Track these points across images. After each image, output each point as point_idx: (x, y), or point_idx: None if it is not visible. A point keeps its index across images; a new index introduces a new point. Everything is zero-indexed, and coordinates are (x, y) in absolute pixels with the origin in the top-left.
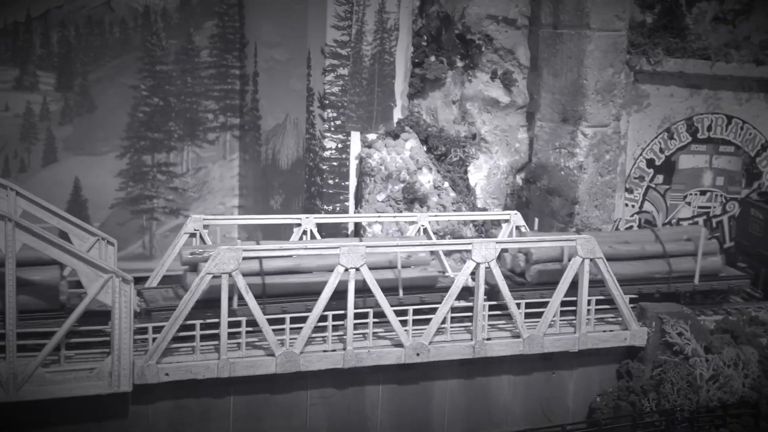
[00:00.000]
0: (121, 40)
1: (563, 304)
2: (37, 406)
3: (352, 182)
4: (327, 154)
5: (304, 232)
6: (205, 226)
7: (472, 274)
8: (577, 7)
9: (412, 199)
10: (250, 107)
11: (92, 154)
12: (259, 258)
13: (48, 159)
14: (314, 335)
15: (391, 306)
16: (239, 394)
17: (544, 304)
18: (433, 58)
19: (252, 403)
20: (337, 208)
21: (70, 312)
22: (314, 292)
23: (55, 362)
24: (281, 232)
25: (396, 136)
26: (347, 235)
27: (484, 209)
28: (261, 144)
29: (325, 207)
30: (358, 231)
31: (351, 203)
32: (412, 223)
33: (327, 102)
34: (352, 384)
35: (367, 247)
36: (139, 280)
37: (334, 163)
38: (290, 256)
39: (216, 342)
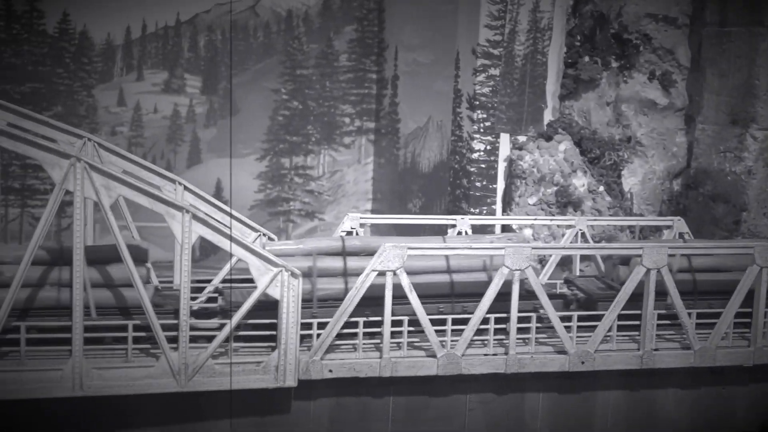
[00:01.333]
0: (264, 45)
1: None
2: (204, 396)
3: (500, 185)
4: (475, 156)
5: (459, 233)
6: (361, 225)
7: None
8: (747, 3)
9: (566, 202)
10: (387, 111)
11: (234, 156)
12: (423, 256)
13: (192, 160)
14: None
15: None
16: (399, 395)
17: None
18: (587, 59)
19: (411, 404)
20: (484, 211)
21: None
22: (468, 293)
23: (223, 354)
24: (420, 234)
25: (549, 138)
26: None
27: (640, 215)
28: (399, 147)
29: (472, 210)
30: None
31: (498, 206)
32: (569, 227)
33: (477, 103)
34: (512, 390)
35: (533, 248)
36: None
37: (482, 166)
38: (446, 255)
39: (376, 340)
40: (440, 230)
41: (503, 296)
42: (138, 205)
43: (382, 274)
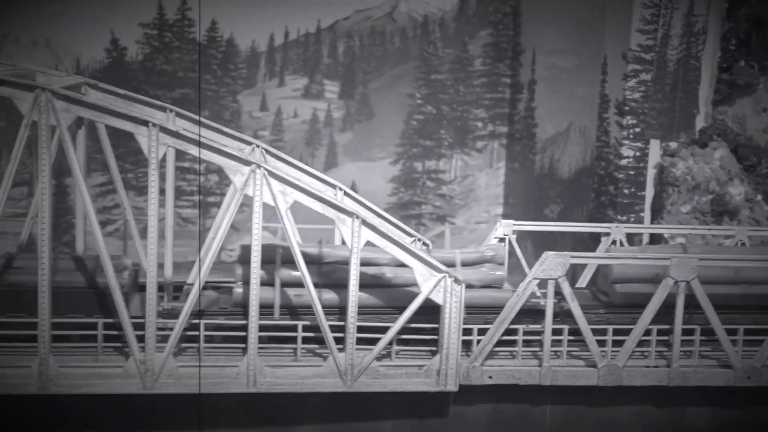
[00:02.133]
0: (400, 50)
1: None
2: (364, 397)
3: (649, 192)
4: (623, 162)
5: (614, 242)
6: (514, 231)
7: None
8: None
9: (722, 211)
10: (523, 115)
11: (369, 160)
12: (587, 265)
13: (329, 163)
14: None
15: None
16: (556, 404)
17: None
18: (742, 63)
19: (568, 413)
20: (632, 219)
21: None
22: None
23: (385, 357)
24: (557, 242)
25: (704, 145)
26: None
27: None
28: (535, 152)
29: (619, 217)
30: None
31: (647, 214)
32: (728, 236)
33: (627, 108)
34: (672, 403)
35: (700, 259)
36: None
37: (631, 172)
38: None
39: (534, 348)
40: (591, 239)
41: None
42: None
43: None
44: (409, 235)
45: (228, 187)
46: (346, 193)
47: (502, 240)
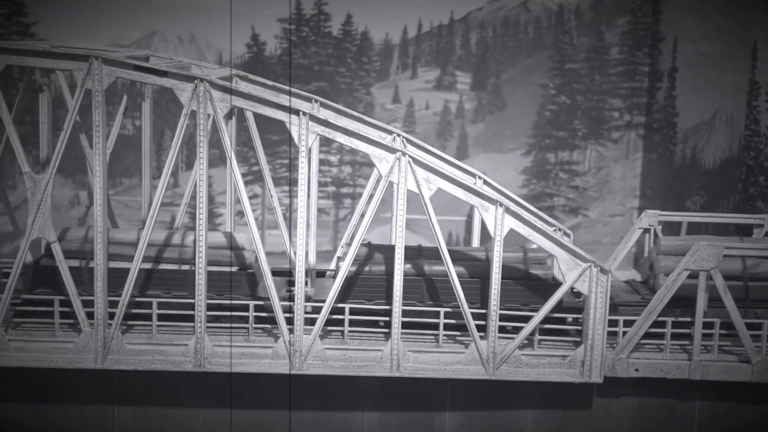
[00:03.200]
0: (534, 40)
1: None
2: (505, 386)
3: None
4: None
5: (766, 234)
6: (659, 222)
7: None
8: None
9: None
10: (662, 105)
11: (500, 152)
12: (743, 257)
13: (460, 155)
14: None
15: None
16: (706, 399)
17: None
18: None
19: (718, 410)
20: None
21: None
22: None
23: (527, 346)
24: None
25: None
26: None
27: None
28: (676, 143)
29: None
30: None
31: None
32: None
33: None
34: None
35: None
36: None
37: None
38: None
39: (684, 342)
40: (738, 231)
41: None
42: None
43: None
44: (550, 224)
45: (360, 179)
46: (485, 182)
47: (646, 231)
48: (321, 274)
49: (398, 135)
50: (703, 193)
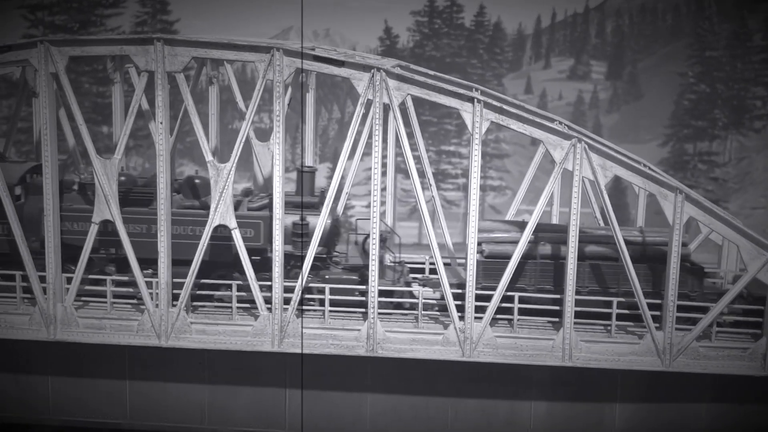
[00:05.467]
0: (672, 27)
1: None
2: (680, 377)
3: None
4: None
5: None
6: None
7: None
8: None
9: None
10: None
11: (635, 142)
12: None
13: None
14: None
15: None
16: None
17: None
18: None
19: None
20: None
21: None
22: None
23: (704, 338)
24: None
25: None
26: None
27: None
28: None
29: None
30: None
31: None
32: None
33: None
34: None
35: None
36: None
37: None
38: None
39: None
40: None
41: None
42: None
43: None
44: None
45: (491, 171)
46: (650, 169)
47: None
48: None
49: (561, 122)
50: None
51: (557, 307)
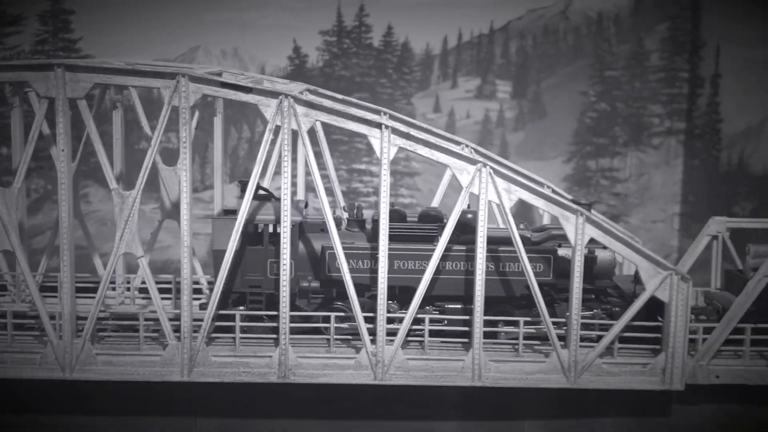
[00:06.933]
0: (573, 48)
1: None
2: (584, 394)
3: None
4: None
5: None
6: (728, 229)
7: None
8: None
9: None
10: (705, 111)
11: (541, 159)
12: None
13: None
14: None
15: None
16: None
17: None
18: None
19: None
20: None
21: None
22: None
23: (607, 354)
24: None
25: None
26: None
27: None
28: (720, 149)
29: None
30: None
31: None
32: None
33: None
34: None
35: None
36: None
37: None
38: None
39: (762, 348)
40: None
41: None
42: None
43: None
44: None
45: (402, 189)
46: (553, 190)
47: (714, 238)
48: None
49: (467, 145)
50: (753, 198)
51: (466, 328)
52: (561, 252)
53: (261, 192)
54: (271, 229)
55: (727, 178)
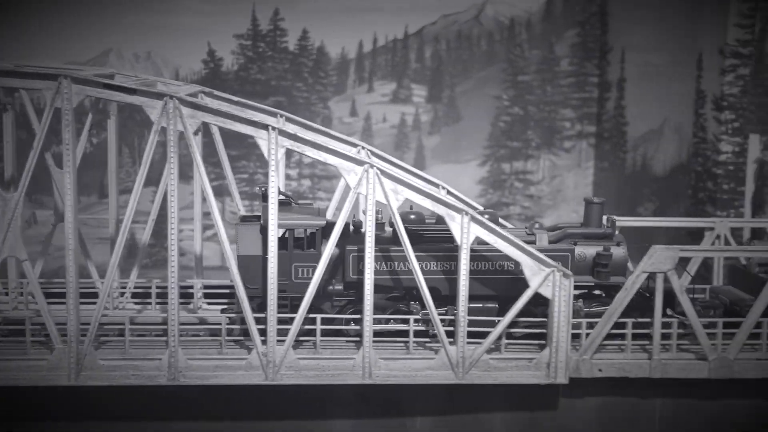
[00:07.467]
0: (487, 53)
1: None
2: (475, 389)
3: (750, 187)
4: (722, 158)
5: (717, 237)
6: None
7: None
8: None
9: None
10: (612, 114)
11: (457, 162)
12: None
13: (418, 166)
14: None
15: None
16: (667, 396)
17: None
18: None
19: (679, 407)
20: (731, 214)
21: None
22: None
23: (495, 350)
24: (652, 240)
25: None
26: (742, 243)
27: None
28: (626, 151)
29: (719, 213)
30: (759, 239)
31: (747, 209)
32: None
33: (725, 104)
34: None
35: None
36: None
37: (730, 167)
38: None
39: (644, 342)
40: (689, 235)
41: None
42: None
43: (652, 276)
44: None
45: (320, 192)
46: (448, 192)
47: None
48: None
49: (363, 147)
50: (654, 199)
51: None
52: (578, 250)
53: (282, 197)
54: (297, 234)
55: (631, 180)
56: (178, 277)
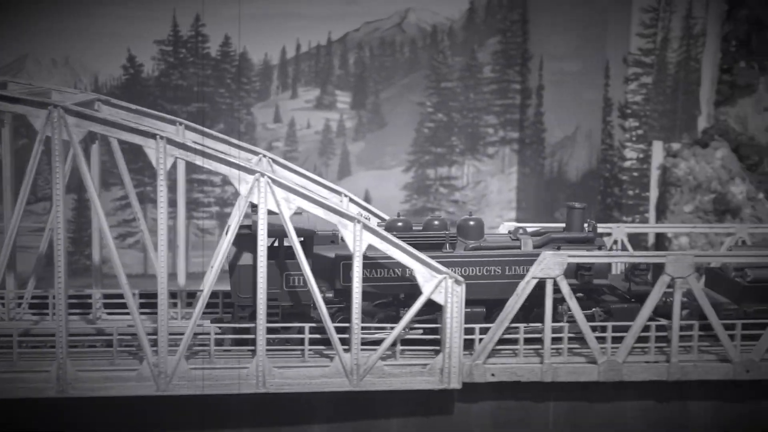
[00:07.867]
0: (410, 60)
1: None
2: (371, 396)
3: (653, 193)
4: (627, 164)
5: (615, 242)
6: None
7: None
8: None
9: (724, 210)
10: (532, 121)
11: (381, 168)
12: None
13: (343, 172)
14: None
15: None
16: (559, 400)
17: None
18: (743, 64)
19: (571, 410)
20: (637, 219)
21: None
22: None
23: (390, 357)
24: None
25: (705, 145)
26: (646, 248)
27: None
28: (545, 157)
29: (624, 218)
30: (661, 243)
31: (652, 214)
32: (729, 234)
33: (629, 111)
34: (673, 398)
35: (695, 256)
36: None
37: (635, 174)
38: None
39: (537, 346)
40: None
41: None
42: None
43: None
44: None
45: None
46: (351, 200)
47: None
48: (192, 294)
49: (264, 156)
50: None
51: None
52: None
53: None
54: (286, 243)
55: (550, 185)
56: (66, 286)
